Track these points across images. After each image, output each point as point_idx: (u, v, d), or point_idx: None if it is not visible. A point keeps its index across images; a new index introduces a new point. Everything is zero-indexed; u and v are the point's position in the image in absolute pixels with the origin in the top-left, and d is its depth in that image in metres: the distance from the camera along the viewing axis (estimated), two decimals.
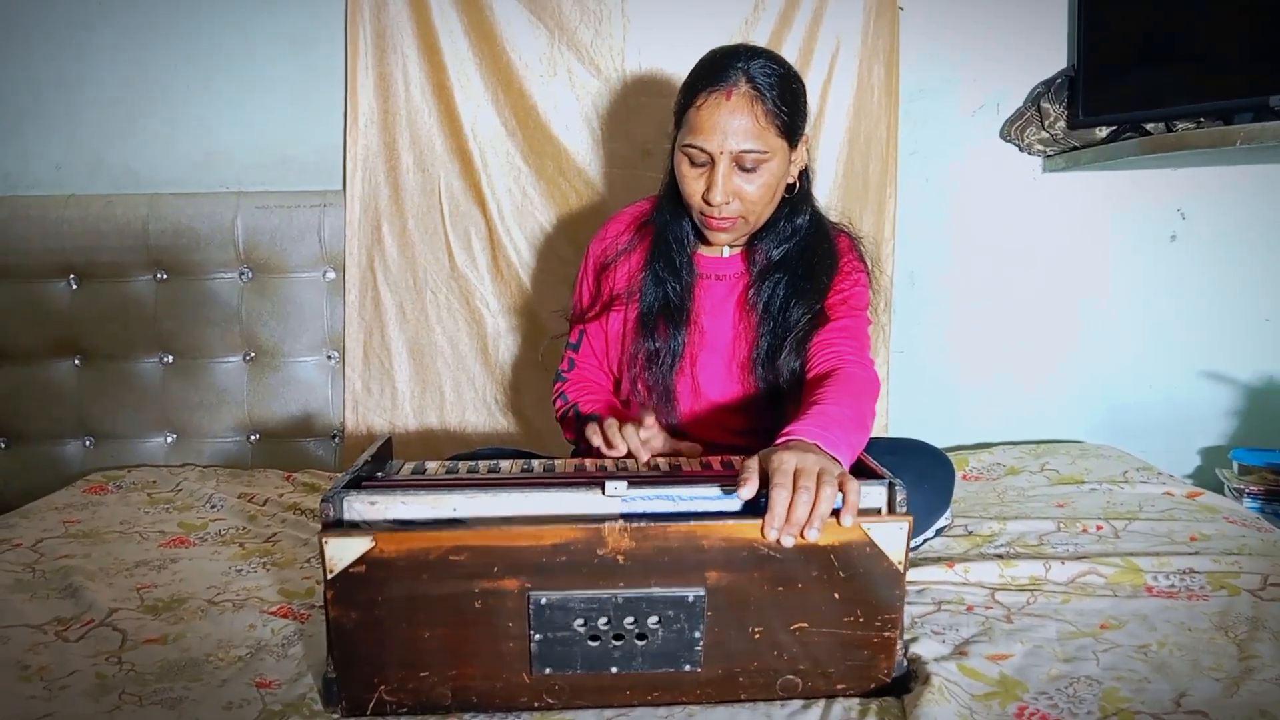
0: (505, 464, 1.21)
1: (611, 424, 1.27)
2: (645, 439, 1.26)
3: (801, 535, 0.94)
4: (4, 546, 1.47)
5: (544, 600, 0.96)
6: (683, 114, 1.33)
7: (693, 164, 1.33)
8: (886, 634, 1.00)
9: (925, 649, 1.09)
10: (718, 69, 1.30)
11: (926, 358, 2.13)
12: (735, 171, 1.30)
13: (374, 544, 0.94)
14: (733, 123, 1.27)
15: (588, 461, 1.25)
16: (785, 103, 1.30)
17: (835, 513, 0.96)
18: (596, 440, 1.27)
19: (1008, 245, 2.09)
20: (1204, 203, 2.06)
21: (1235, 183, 2.05)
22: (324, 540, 0.94)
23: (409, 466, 1.20)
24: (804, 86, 1.36)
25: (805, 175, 1.43)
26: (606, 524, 0.95)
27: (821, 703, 1.00)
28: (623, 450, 1.24)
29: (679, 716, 0.99)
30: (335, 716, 0.99)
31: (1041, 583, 1.30)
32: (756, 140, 1.28)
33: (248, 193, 2.01)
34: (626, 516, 0.98)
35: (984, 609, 1.22)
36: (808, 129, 1.39)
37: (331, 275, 2.03)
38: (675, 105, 1.36)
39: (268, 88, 2.01)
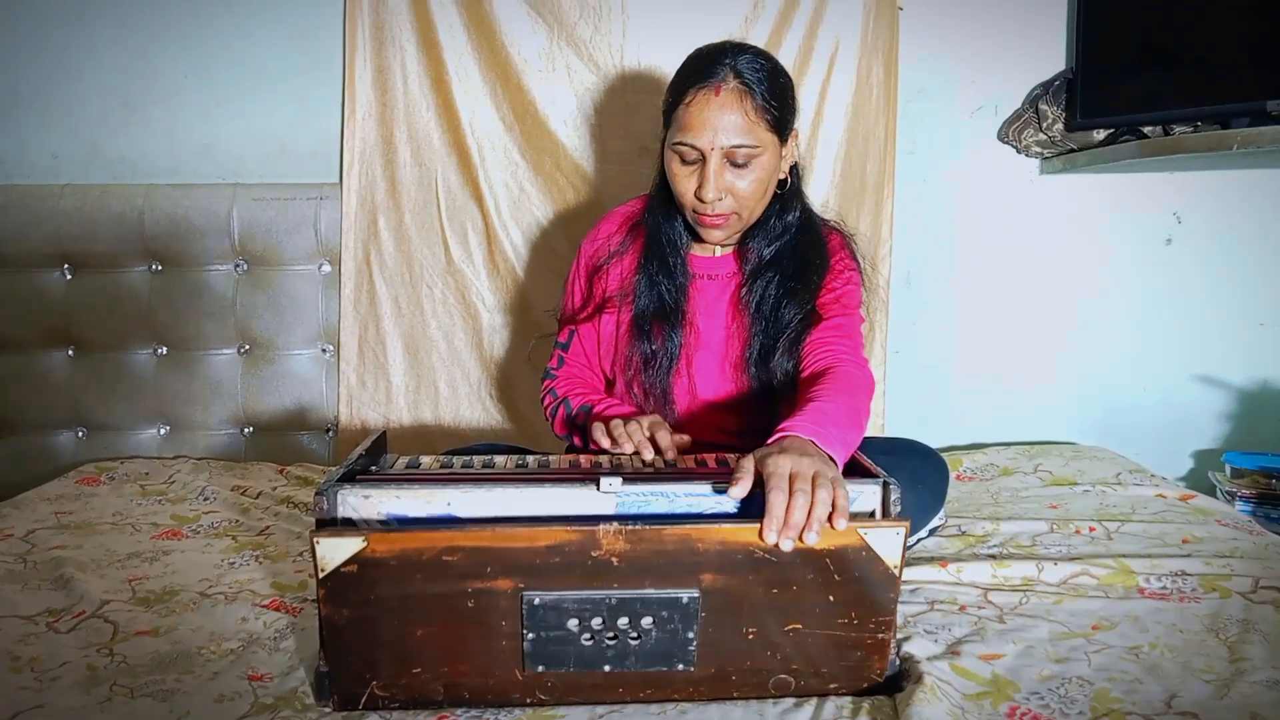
0: (500, 459, 1.20)
1: (617, 424, 1.26)
2: (650, 431, 1.25)
3: (801, 539, 0.93)
4: None
5: (537, 600, 0.96)
6: (671, 112, 1.33)
7: (684, 162, 1.32)
8: (880, 635, 1.00)
9: (918, 648, 1.10)
10: (705, 66, 1.30)
11: (922, 358, 2.13)
12: (727, 168, 1.30)
13: (366, 544, 0.93)
14: (723, 118, 1.27)
15: (582, 458, 1.25)
16: (774, 97, 1.30)
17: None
18: (605, 441, 1.25)
19: (1004, 246, 2.10)
20: (1200, 206, 2.07)
21: (1231, 187, 2.05)
22: (315, 540, 0.93)
23: (403, 461, 1.20)
24: (791, 81, 1.36)
25: (795, 171, 1.43)
26: (601, 526, 0.94)
27: (814, 701, 1.00)
28: (629, 448, 1.23)
29: (671, 714, 0.99)
30: (327, 710, 0.99)
31: (1034, 583, 1.30)
32: (747, 135, 1.28)
33: (244, 184, 2.00)
34: (621, 519, 0.98)
35: (976, 609, 1.22)
36: (799, 124, 1.38)
37: (327, 268, 2.02)
38: (663, 104, 1.36)
39: (266, 79, 2.01)
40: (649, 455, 1.21)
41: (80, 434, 2.04)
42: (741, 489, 0.98)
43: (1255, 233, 2.07)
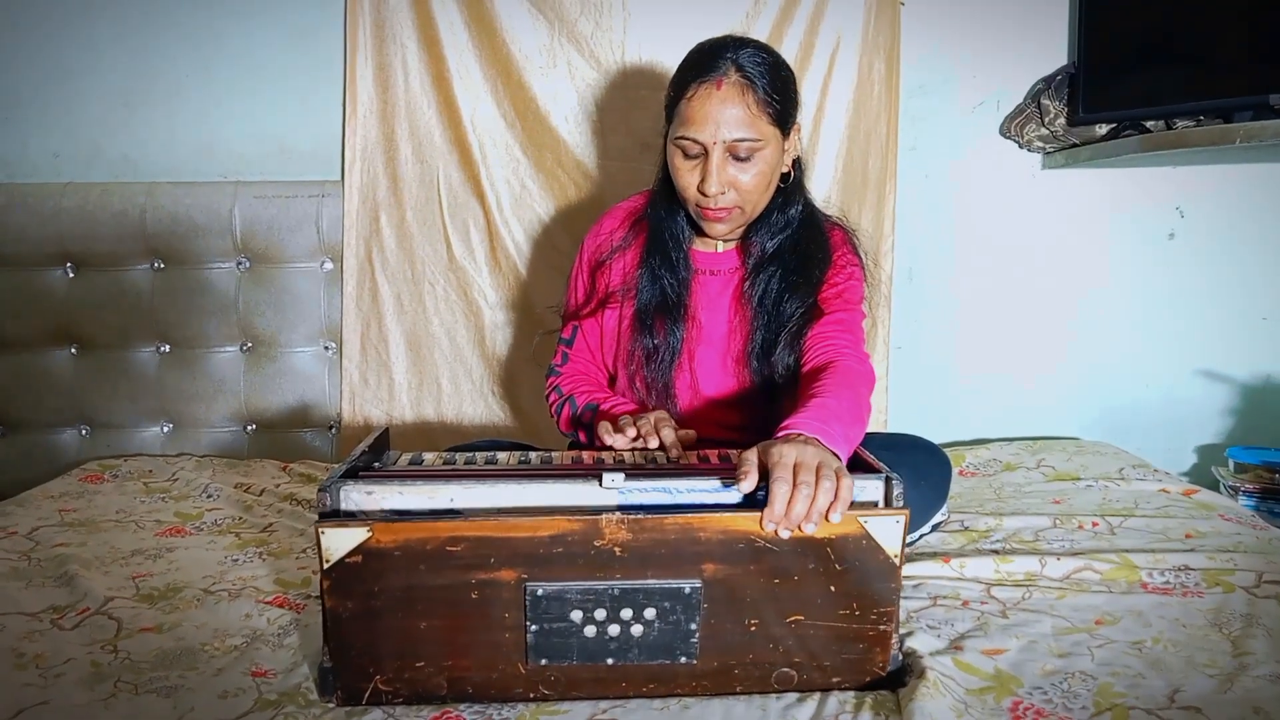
0: (503, 455, 1.20)
1: (625, 419, 1.26)
2: (656, 424, 1.25)
3: (799, 529, 0.94)
4: (0, 534, 1.47)
5: (540, 591, 0.96)
6: (673, 107, 1.33)
7: (686, 156, 1.33)
8: (882, 627, 1.00)
9: (921, 643, 1.10)
10: (707, 60, 1.30)
11: (924, 354, 2.13)
12: (729, 161, 1.30)
13: (371, 534, 0.94)
14: (724, 112, 1.27)
15: (585, 454, 1.25)
16: (776, 90, 1.30)
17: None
18: (609, 437, 1.24)
19: (1007, 242, 2.09)
20: (1203, 201, 2.06)
21: (1234, 181, 2.05)
22: (320, 530, 0.94)
23: (406, 457, 1.20)
24: (794, 74, 1.36)
25: (798, 165, 1.43)
26: (604, 516, 0.95)
27: (817, 695, 1.00)
28: (631, 433, 1.23)
29: (674, 708, 0.99)
30: (331, 706, 0.99)
31: (1037, 578, 1.30)
32: (749, 129, 1.28)
33: (246, 182, 2.00)
34: (624, 508, 0.98)
35: (979, 604, 1.22)
36: (801, 118, 1.38)
37: (329, 266, 2.03)
38: (665, 99, 1.36)
39: (267, 77, 2.01)
40: (654, 443, 1.21)
41: (83, 432, 2.04)
42: (749, 483, 0.98)
43: (1258, 227, 2.06)
